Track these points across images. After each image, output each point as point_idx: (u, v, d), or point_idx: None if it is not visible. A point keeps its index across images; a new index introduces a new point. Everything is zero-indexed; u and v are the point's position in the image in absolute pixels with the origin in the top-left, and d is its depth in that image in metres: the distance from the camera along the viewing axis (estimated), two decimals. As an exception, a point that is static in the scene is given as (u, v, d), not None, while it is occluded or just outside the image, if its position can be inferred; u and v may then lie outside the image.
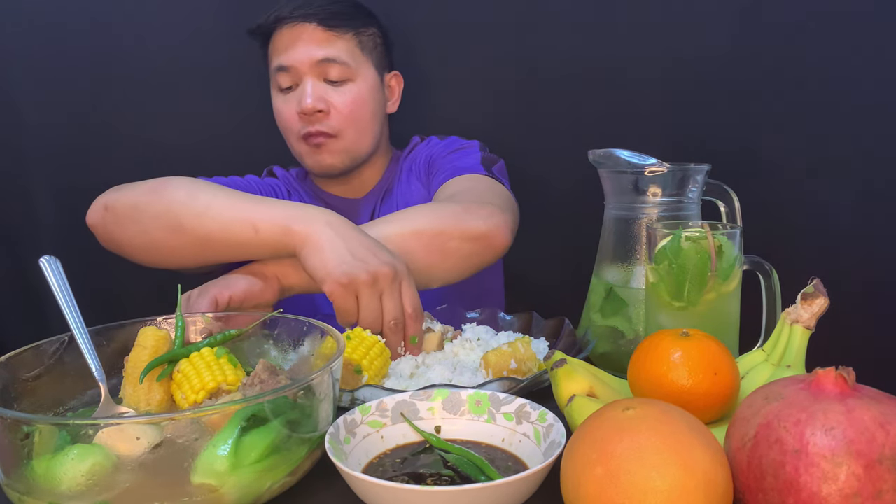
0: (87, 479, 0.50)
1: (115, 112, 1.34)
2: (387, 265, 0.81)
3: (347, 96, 1.12)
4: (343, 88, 1.12)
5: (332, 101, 1.11)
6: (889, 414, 0.45)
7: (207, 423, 0.52)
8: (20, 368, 0.63)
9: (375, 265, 0.80)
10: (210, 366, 0.67)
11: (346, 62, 1.12)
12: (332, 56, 1.10)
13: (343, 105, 1.12)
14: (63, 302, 0.69)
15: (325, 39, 1.11)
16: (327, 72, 1.11)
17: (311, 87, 1.10)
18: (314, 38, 1.11)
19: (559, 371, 0.66)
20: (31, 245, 1.34)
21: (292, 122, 1.13)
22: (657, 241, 0.72)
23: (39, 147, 1.34)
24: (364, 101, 1.14)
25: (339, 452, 0.56)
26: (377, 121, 1.18)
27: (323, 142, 1.13)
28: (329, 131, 1.12)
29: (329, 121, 1.12)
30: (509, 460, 0.59)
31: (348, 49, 1.13)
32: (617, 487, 0.45)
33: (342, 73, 1.11)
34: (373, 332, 0.80)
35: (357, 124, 1.14)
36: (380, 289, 0.81)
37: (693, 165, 0.81)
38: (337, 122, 1.12)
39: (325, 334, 0.69)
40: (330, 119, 1.12)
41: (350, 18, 1.14)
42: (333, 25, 1.12)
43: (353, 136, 1.14)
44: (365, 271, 0.80)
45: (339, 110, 1.12)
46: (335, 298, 0.81)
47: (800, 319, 0.65)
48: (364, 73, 1.14)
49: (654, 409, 0.49)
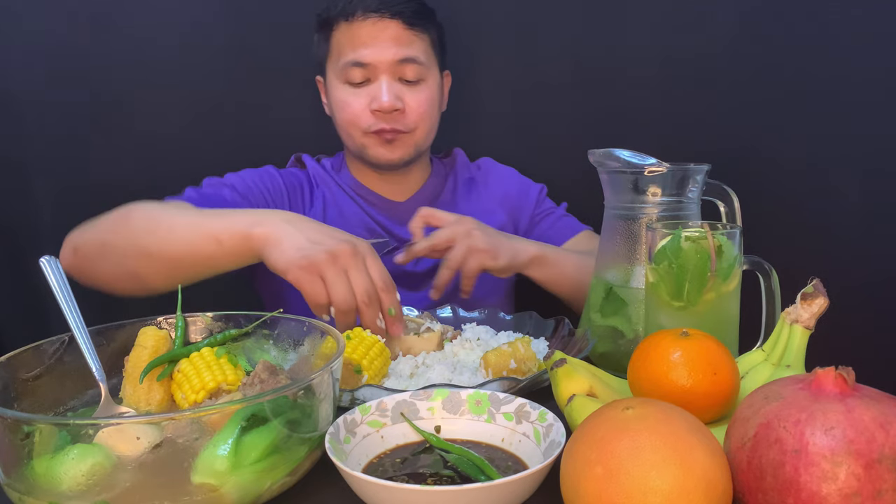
0: (87, 479, 0.50)
1: (116, 112, 1.34)
2: (344, 242, 0.82)
3: (422, 95, 1.13)
4: (417, 87, 1.13)
5: (407, 101, 1.12)
6: (889, 414, 0.45)
7: (207, 422, 0.52)
8: (20, 368, 0.63)
9: (332, 244, 0.81)
10: (210, 366, 0.67)
11: (423, 62, 1.12)
12: (412, 56, 1.11)
13: (418, 104, 1.13)
14: (63, 302, 0.69)
15: (406, 39, 1.11)
16: (404, 71, 1.11)
17: (388, 86, 1.10)
18: (396, 36, 1.10)
19: (559, 371, 0.66)
20: (31, 245, 1.34)
21: (362, 118, 1.12)
22: (657, 241, 0.72)
23: (39, 147, 1.34)
24: (434, 101, 1.16)
25: (339, 452, 0.56)
26: (438, 119, 1.20)
27: (396, 137, 1.13)
28: (404, 129, 1.13)
29: (405, 119, 1.12)
30: (509, 460, 0.59)
31: (424, 49, 1.13)
32: (617, 487, 0.45)
33: (418, 73, 1.12)
34: (348, 309, 0.80)
35: (428, 122, 1.16)
36: (342, 265, 0.81)
37: (693, 165, 0.81)
38: (412, 120, 1.13)
39: (325, 334, 0.69)
40: (405, 117, 1.12)
41: (428, 18, 1.15)
42: (414, 24, 1.11)
43: (423, 133, 1.16)
44: (322, 251, 0.80)
45: (413, 109, 1.12)
46: (301, 284, 0.81)
47: (799, 319, 0.65)
48: (434, 73, 1.16)
49: (653, 409, 0.49)
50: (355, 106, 1.12)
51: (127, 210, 0.94)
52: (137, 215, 0.92)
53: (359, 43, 1.10)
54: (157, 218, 0.91)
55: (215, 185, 1.12)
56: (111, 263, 0.91)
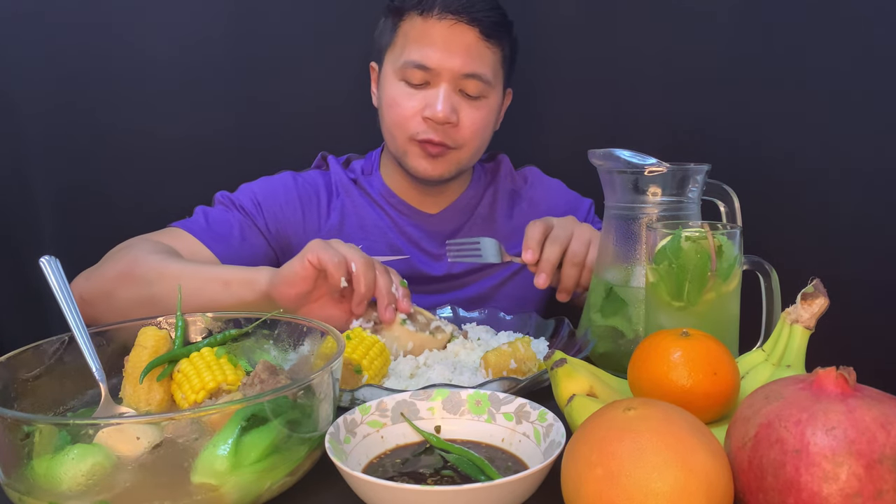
0: (87, 479, 0.50)
1: (116, 112, 1.33)
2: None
3: (478, 113, 1.06)
4: (476, 104, 1.05)
5: (462, 115, 1.04)
6: (890, 414, 0.45)
7: (207, 422, 0.52)
8: (20, 368, 0.63)
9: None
10: (210, 366, 0.67)
11: (489, 80, 1.05)
12: (479, 73, 1.03)
13: (472, 122, 1.05)
14: (63, 302, 0.69)
15: (478, 51, 1.03)
16: (466, 85, 1.03)
17: (446, 96, 1.02)
18: (470, 46, 1.02)
19: (559, 371, 0.66)
20: (31, 245, 1.34)
21: (412, 122, 1.04)
22: (657, 241, 0.72)
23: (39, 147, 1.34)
24: (490, 120, 1.08)
25: (339, 452, 0.56)
26: (489, 139, 1.12)
27: (442, 152, 1.06)
28: (452, 144, 1.05)
29: (455, 134, 1.05)
30: (509, 460, 0.59)
31: (494, 64, 1.06)
32: (617, 488, 0.44)
33: (480, 90, 1.04)
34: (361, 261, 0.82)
35: (478, 141, 1.08)
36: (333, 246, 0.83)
37: (693, 165, 0.81)
38: (462, 136, 1.05)
39: (325, 334, 0.69)
40: (457, 132, 1.05)
41: (506, 31, 1.07)
42: (491, 36, 1.03)
43: (470, 152, 1.08)
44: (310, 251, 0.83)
45: (466, 126, 1.05)
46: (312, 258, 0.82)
47: (800, 319, 0.65)
48: (496, 91, 1.08)
49: (654, 410, 0.49)
50: (407, 108, 1.04)
51: (132, 259, 0.94)
52: (143, 266, 0.92)
53: (427, 43, 1.02)
54: (162, 269, 0.91)
55: (224, 210, 1.10)
56: (118, 310, 0.91)
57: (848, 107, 1.20)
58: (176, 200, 1.20)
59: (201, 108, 1.34)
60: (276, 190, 1.13)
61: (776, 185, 1.24)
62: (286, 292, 0.83)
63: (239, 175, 1.20)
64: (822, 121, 1.21)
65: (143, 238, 1.02)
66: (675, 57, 1.27)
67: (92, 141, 1.34)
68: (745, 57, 1.24)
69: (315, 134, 1.33)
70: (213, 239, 1.04)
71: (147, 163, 1.35)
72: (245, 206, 1.10)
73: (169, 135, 1.34)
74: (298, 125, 1.35)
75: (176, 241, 1.02)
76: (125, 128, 1.34)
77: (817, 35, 1.20)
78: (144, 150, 1.34)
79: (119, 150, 1.34)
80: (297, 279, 0.82)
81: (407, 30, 1.04)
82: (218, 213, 1.09)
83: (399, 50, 1.05)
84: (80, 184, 1.34)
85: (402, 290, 0.86)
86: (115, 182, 1.34)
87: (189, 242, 1.03)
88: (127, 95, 1.33)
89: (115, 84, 1.32)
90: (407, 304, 0.86)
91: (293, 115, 1.35)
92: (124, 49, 1.31)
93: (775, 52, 1.22)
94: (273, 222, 1.11)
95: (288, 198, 1.13)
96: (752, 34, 1.23)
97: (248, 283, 0.87)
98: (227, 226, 1.07)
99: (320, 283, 0.84)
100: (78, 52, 1.31)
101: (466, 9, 1.01)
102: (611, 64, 1.29)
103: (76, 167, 1.34)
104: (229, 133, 1.35)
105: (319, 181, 1.17)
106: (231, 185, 1.16)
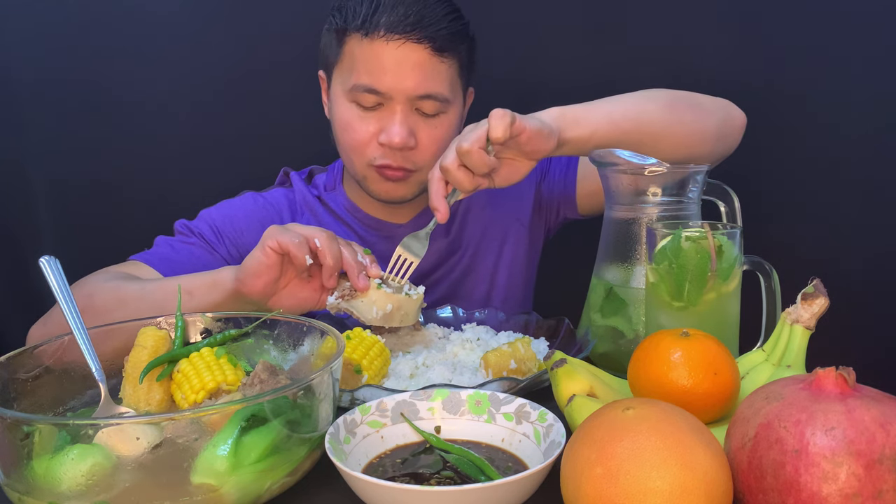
0: (87, 479, 0.50)
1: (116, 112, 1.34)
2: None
3: (437, 132, 0.99)
4: (434, 122, 0.99)
5: (420, 136, 0.98)
6: (889, 414, 0.45)
7: (207, 423, 0.52)
8: (20, 368, 0.63)
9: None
10: (210, 366, 0.67)
11: (446, 98, 0.98)
12: (435, 92, 0.96)
13: (431, 141, 0.99)
14: (63, 302, 0.69)
15: (431, 69, 0.95)
16: (422, 105, 0.97)
17: (401, 119, 0.96)
18: (422, 65, 0.94)
19: (559, 371, 0.66)
20: (31, 245, 1.34)
21: (368, 148, 0.98)
22: (657, 241, 0.72)
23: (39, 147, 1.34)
24: (451, 135, 1.00)
25: (339, 452, 0.56)
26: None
27: (403, 176, 1.00)
28: (412, 168, 0.99)
29: (415, 157, 0.99)
30: (509, 460, 0.59)
31: (450, 78, 0.99)
32: (617, 487, 0.44)
33: (438, 108, 0.98)
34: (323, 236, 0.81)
35: (438, 156, 0.95)
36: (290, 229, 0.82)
37: (693, 165, 0.81)
38: (423, 158, 0.99)
39: (325, 334, 0.69)
40: (416, 155, 0.99)
41: (461, 41, 0.99)
42: (444, 49, 0.96)
43: (430, 168, 0.97)
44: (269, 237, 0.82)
45: (426, 147, 0.99)
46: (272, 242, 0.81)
47: (800, 319, 0.65)
48: (456, 102, 1.01)
49: (654, 410, 0.49)
50: (361, 132, 0.98)
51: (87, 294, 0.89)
52: (100, 297, 0.88)
53: (376, 66, 0.94)
54: (122, 295, 0.88)
55: (183, 239, 1.04)
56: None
57: (848, 106, 1.20)
58: (176, 200, 1.21)
59: (201, 109, 1.35)
60: (235, 215, 1.08)
61: (776, 185, 1.24)
62: (254, 284, 0.82)
63: (239, 176, 1.20)
64: (821, 121, 1.21)
65: (99, 271, 0.97)
66: (676, 56, 1.27)
67: (92, 141, 1.34)
68: (745, 56, 1.24)
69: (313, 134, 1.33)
70: (173, 270, 0.99)
71: (148, 163, 1.35)
72: (204, 234, 1.05)
73: (169, 135, 1.35)
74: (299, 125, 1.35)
75: (135, 272, 0.97)
76: (125, 127, 1.34)
77: (817, 37, 1.20)
78: (145, 150, 1.35)
79: (119, 149, 1.35)
80: (262, 268, 0.81)
81: (352, 50, 0.97)
82: (177, 242, 1.04)
83: (347, 72, 0.98)
84: (81, 184, 1.34)
85: (367, 257, 0.86)
86: (116, 182, 1.34)
87: (149, 275, 0.98)
88: (128, 95, 1.33)
89: (116, 83, 1.33)
90: (377, 268, 0.85)
91: (293, 116, 1.35)
92: (125, 48, 1.32)
93: (776, 52, 1.22)
94: (234, 248, 1.06)
95: (248, 221, 1.07)
96: (753, 34, 1.23)
97: (212, 286, 0.85)
98: (186, 255, 1.02)
99: (286, 268, 0.83)
100: (79, 52, 1.31)
101: (414, 27, 0.93)
102: (611, 64, 1.29)
103: (76, 167, 1.34)
104: (230, 132, 1.35)
105: (282, 201, 1.11)
106: (232, 185, 1.15)
